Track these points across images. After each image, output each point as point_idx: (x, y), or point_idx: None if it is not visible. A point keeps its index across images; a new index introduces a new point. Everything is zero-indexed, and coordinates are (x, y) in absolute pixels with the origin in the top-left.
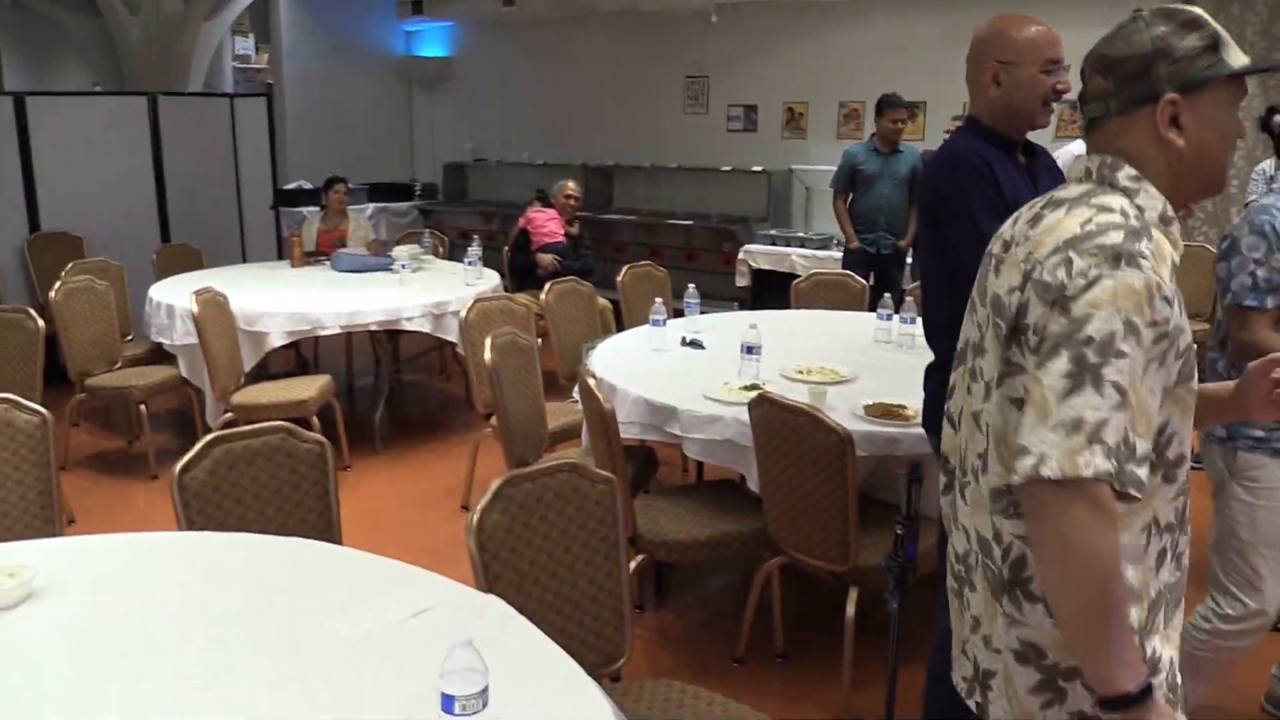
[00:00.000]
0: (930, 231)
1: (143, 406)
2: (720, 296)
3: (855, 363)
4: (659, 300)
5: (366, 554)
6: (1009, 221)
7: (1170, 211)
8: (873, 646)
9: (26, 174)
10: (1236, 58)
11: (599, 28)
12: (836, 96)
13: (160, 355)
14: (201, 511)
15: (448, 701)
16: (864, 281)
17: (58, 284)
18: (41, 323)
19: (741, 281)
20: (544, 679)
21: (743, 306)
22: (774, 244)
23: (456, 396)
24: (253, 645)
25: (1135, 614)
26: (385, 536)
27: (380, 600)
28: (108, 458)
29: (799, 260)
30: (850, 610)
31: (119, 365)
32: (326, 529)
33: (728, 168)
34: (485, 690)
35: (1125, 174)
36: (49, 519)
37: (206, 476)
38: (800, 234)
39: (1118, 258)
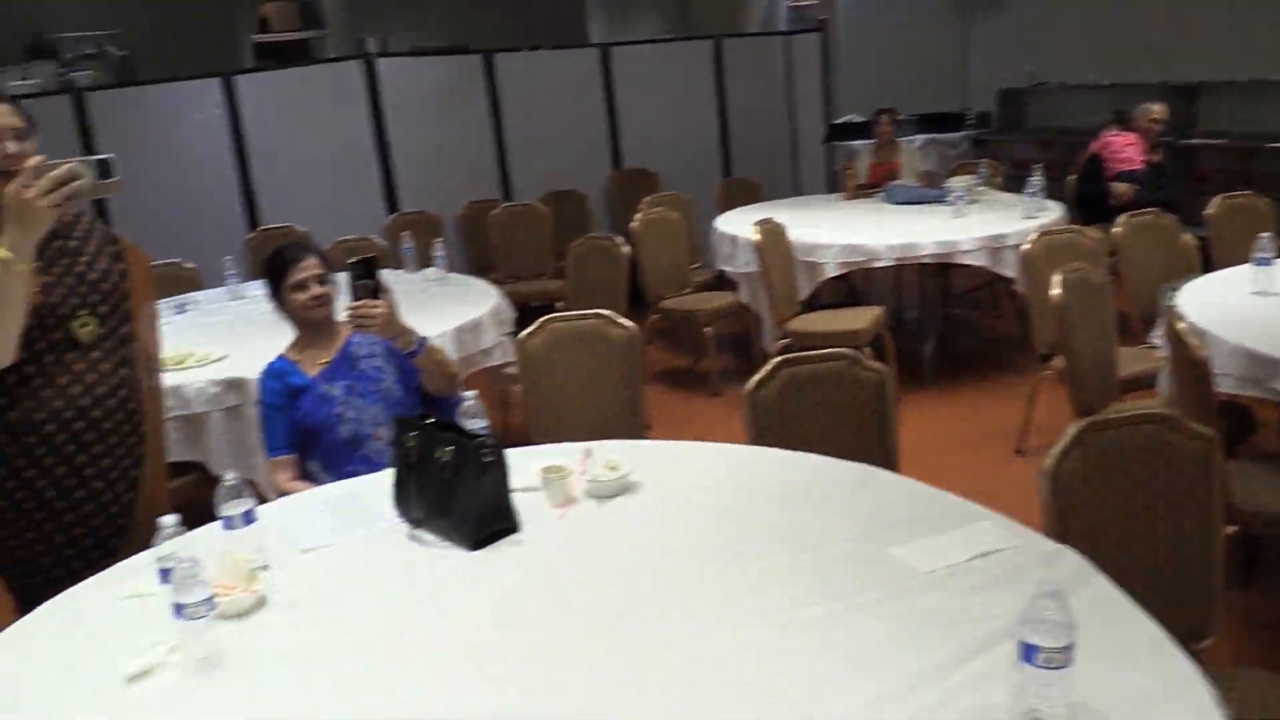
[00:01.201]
0: None
1: (708, 329)
2: None
3: None
4: (1264, 236)
5: (930, 487)
6: None
7: None
8: None
9: (610, 117)
10: None
11: None
12: None
13: (723, 282)
14: (769, 428)
15: (1029, 651)
16: None
17: (637, 215)
18: (626, 249)
19: None
20: (1126, 645)
21: None
22: None
23: (1009, 335)
24: (814, 565)
25: None
26: (934, 473)
27: (945, 536)
28: (676, 374)
29: None
30: None
31: (688, 290)
32: (884, 457)
33: None
34: (1071, 648)
35: None
36: (635, 423)
37: (775, 396)
38: None
39: None
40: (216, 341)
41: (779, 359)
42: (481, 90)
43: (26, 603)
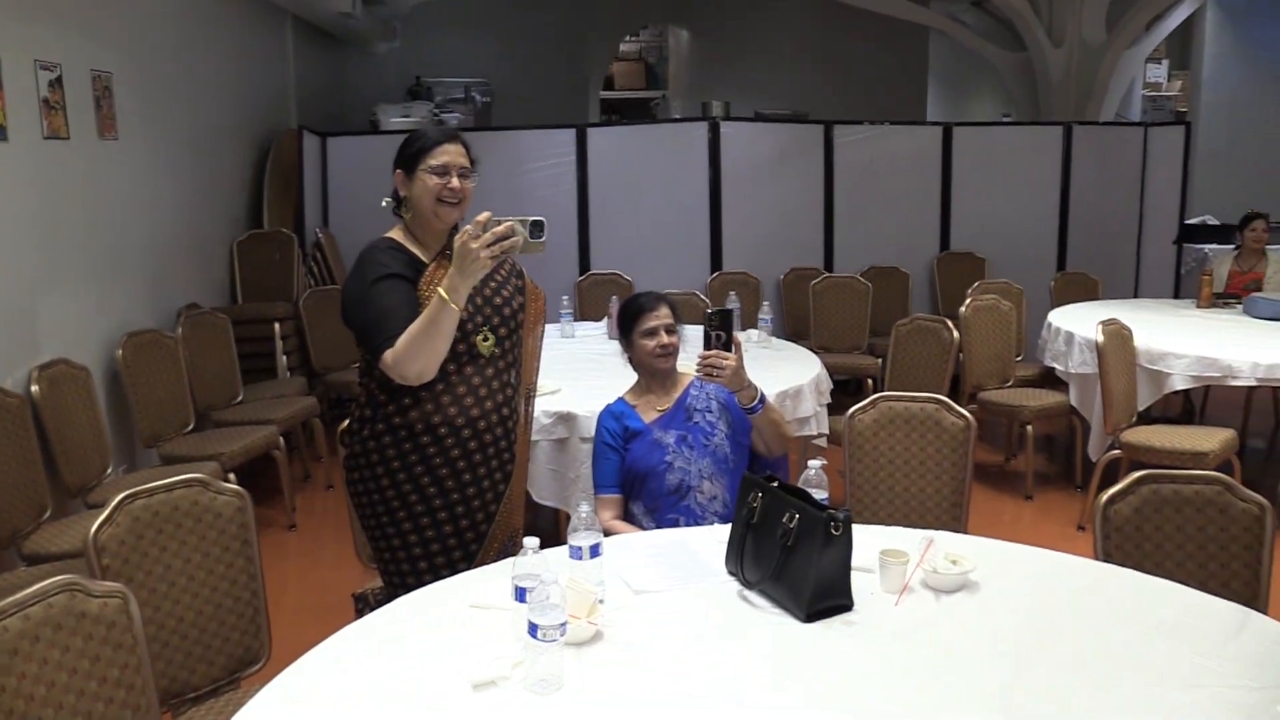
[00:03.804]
0: None
1: (1029, 427)
2: None
3: None
4: None
5: None
6: None
7: None
8: None
9: (944, 196)
10: None
11: None
12: None
13: (1046, 379)
14: (1120, 546)
15: None
16: None
17: (967, 300)
18: (955, 334)
19: None
20: None
21: None
22: None
23: None
24: (1187, 706)
25: None
26: None
27: None
28: (986, 470)
29: None
30: None
31: (1009, 383)
32: (1252, 601)
33: None
34: None
35: None
36: (958, 515)
37: (1131, 513)
38: None
39: None
40: (549, 376)
41: (1139, 474)
42: (817, 160)
43: (392, 589)
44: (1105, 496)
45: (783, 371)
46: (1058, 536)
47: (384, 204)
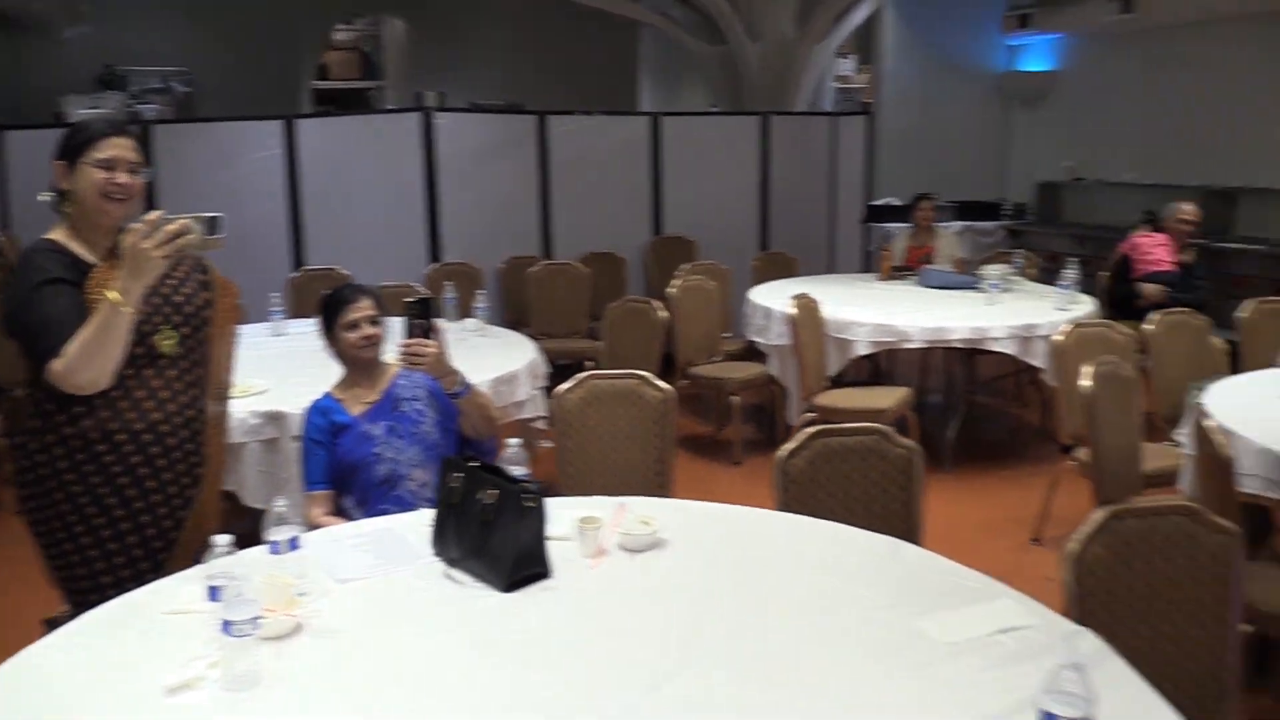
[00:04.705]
0: None
1: (734, 398)
2: None
3: None
4: None
5: (954, 563)
6: None
7: None
8: None
9: (655, 183)
10: None
11: (1232, 31)
12: None
13: (752, 353)
14: (797, 496)
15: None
16: None
17: (675, 281)
18: (663, 314)
19: None
20: None
21: None
22: None
23: (1031, 424)
24: (844, 628)
25: None
26: (951, 555)
27: (967, 610)
28: (699, 441)
29: None
30: None
31: (718, 358)
32: (909, 533)
33: None
34: None
35: None
36: (662, 483)
37: (805, 465)
38: None
39: None
40: (258, 375)
41: (812, 429)
42: (532, 150)
43: (76, 606)
44: (782, 452)
45: (498, 358)
46: (764, 498)
47: (40, 197)
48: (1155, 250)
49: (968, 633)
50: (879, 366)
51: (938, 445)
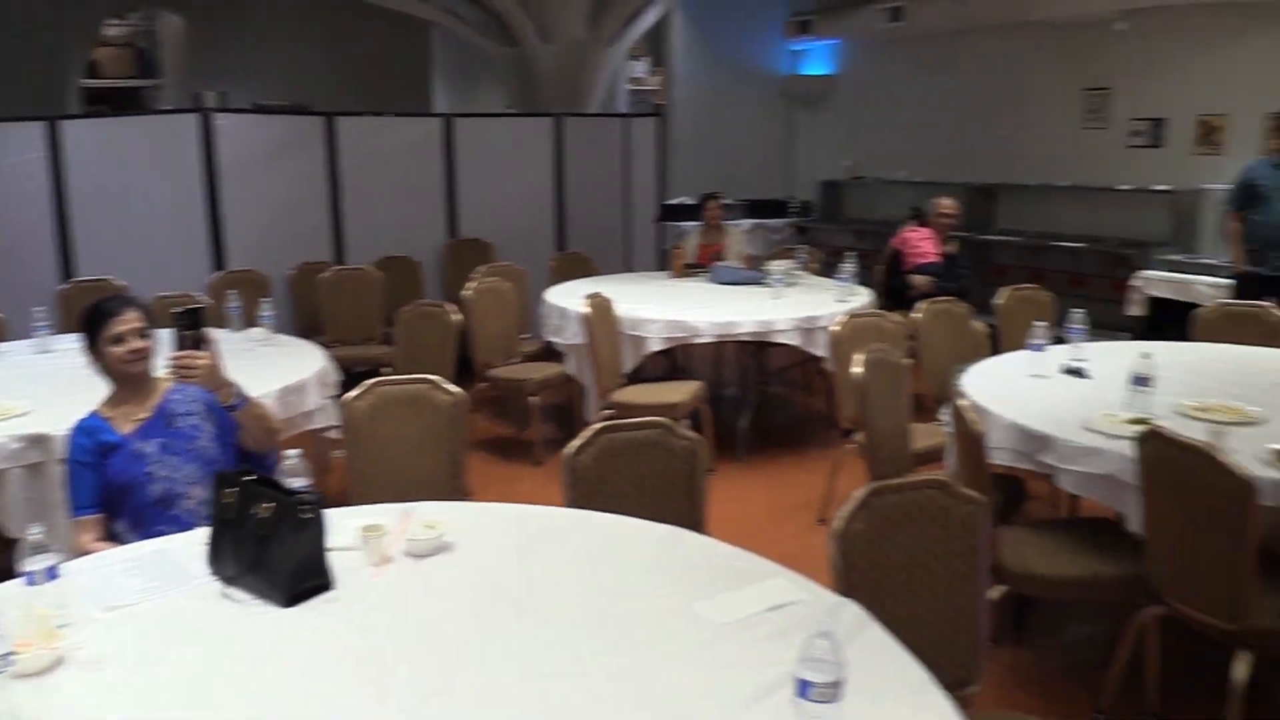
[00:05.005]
0: None
1: (533, 398)
2: (1109, 326)
3: (1267, 404)
4: (1040, 324)
5: (731, 546)
6: None
7: None
8: None
9: (449, 185)
10: None
11: (989, 40)
12: (1263, 107)
13: (551, 353)
14: (585, 491)
15: (804, 687)
16: None
17: (472, 283)
18: (457, 316)
19: (1134, 310)
20: (894, 686)
21: (1135, 338)
22: (1177, 270)
23: (818, 412)
24: (624, 616)
25: None
26: (742, 540)
27: (742, 590)
28: (501, 442)
29: (1205, 289)
30: (1239, 675)
31: (516, 359)
32: (693, 521)
33: (1127, 187)
34: (839, 684)
35: None
36: (456, 486)
37: (591, 461)
38: (1209, 260)
39: None
40: (20, 396)
41: (598, 425)
42: (321, 152)
43: None
44: (569, 450)
45: (285, 367)
46: (561, 496)
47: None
48: (922, 244)
49: (740, 612)
50: (676, 362)
51: (732, 435)
